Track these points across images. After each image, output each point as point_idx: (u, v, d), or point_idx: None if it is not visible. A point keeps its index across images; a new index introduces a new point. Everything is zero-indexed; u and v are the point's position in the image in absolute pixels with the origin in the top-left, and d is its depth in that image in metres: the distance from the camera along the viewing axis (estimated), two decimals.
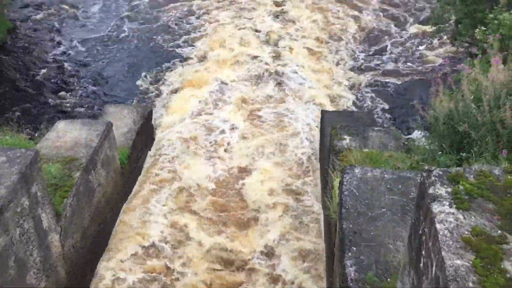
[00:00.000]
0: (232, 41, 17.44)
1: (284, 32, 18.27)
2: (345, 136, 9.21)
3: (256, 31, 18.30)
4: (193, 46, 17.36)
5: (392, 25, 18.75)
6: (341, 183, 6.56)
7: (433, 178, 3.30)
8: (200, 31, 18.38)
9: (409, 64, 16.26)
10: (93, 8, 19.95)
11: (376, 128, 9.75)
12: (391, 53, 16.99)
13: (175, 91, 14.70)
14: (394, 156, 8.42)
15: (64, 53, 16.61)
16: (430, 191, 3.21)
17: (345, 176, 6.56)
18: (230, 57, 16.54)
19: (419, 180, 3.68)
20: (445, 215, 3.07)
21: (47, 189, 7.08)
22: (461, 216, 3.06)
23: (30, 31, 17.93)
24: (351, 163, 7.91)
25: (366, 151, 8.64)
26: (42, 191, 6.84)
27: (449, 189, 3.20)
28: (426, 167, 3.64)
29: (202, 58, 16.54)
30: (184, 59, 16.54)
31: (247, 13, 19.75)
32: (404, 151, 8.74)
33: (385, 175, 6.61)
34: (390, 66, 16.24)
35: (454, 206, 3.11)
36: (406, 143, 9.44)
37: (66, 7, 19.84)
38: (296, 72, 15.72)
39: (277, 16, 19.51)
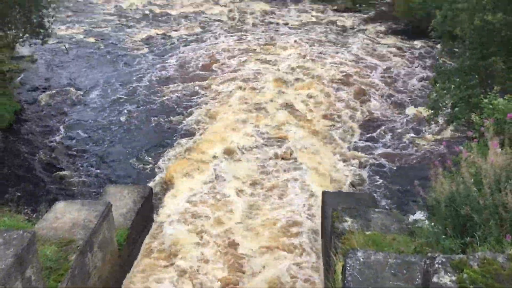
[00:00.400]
0: (234, 113, 18.29)
1: (286, 106, 19.07)
2: (347, 218, 9.10)
3: (259, 103, 19.16)
4: (194, 120, 17.89)
5: (394, 109, 19.23)
6: (344, 267, 6.37)
7: (436, 265, 3.22)
8: (200, 107, 19.05)
9: (408, 146, 16.48)
10: (94, 93, 20.54)
11: (377, 210, 9.65)
12: (391, 135, 17.26)
13: (177, 166, 14.84)
14: (397, 239, 8.26)
15: (66, 135, 16.90)
16: (435, 279, 3.12)
17: (348, 260, 6.39)
18: (231, 128, 17.19)
19: (423, 266, 3.59)
20: None
21: (41, 273, 6.90)
22: None
23: (36, 113, 18.39)
24: (354, 246, 7.75)
25: (369, 234, 8.49)
26: (36, 274, 6.66)
27: (454, 278, 3.11)
28: (429, 254, 3.55)
29: (203, 131, 17.04)
30: (185, 134, 16.98)
31: (253, 83, 20.79)
32: (407, 234, 8.59)
33: (389, 260, 6.43)
34: (390, 148, 16.45)
35: None
36: (410, 226, 9.30)
37: (72, 89, 20.49)
38: (296, 149, 15.97)
39: (279, 91, 20.40)
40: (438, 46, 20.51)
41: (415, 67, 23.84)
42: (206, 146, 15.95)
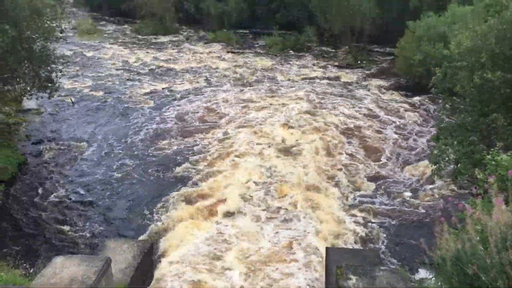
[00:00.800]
0: (238, 157, 18.96)
1: (291, 152, 19.67)
2: (351, 276, 8.90)
3: (263, 147, 19.94)
4: (196, 170, 18.09)
5: (400, 166, 19.22)
6: None
7: None
8: (202, 155, 19.34)
9: (413, 202, 16.34)
10: (96, 146, 20.69)
11: (383, 268, 9.44)
12: (396, 191, 17.16)
13: (179, 218, 14.81)
14: None
15: (68, 189, 16.86)
16: None
17: None
18: (235, 172, 17.75)
19: None
20: None
21: None
22: None
23: (39, 166, 18.44)
24: None
25: None
26: None
27: None
28: None
29: (205, 178, 17.28)
30: (186, 185, 17.05)
31: (255, 129, 21.52)
32: None
33: None
34: (394, 204, 16.31)
35: None
36: (416, 285, 9.07)
37: (75, 143, 20.66)
38: (299, 195, 15.99)
39: (284, 137, 20.98)
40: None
41: (418, 123, 24.07)
42: (209, 192, 16.23)
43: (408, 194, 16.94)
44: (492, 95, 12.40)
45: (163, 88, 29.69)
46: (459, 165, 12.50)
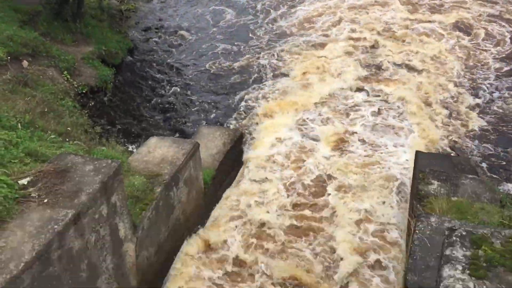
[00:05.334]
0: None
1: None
2: (433, 181, 8.64)
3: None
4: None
5: None
6: (413, 231, 6.14)
7: (454, 238, 3.13)
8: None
9: None
10: (202, 35, 20.83)
11: (469, 176, 9.00)
12: None
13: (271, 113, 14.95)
14: (487, 209, 7.73)
15: (171, 74, 17.65)
16: (446, 252, 3.05)
17: (418, 224, 6.14)
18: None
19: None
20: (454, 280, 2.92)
21: (126, 200, 7.48)
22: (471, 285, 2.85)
23: (146, 53, 19.34)
24: (435, 212, 7.39)
25: (454, 200, 8.01)
26: (121, 201, 7.24)
27: (468, 253, 3.03)
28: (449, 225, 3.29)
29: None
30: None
31: None
32: (499, 206, 7.98)
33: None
34: None
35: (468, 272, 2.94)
36: (503, 196, 8.59)
37: (182, 32, 21.15)
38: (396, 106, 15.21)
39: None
40: None
41: None
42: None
43: None
44: None
45: None
46: None
